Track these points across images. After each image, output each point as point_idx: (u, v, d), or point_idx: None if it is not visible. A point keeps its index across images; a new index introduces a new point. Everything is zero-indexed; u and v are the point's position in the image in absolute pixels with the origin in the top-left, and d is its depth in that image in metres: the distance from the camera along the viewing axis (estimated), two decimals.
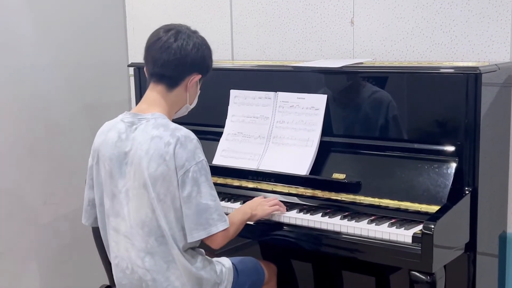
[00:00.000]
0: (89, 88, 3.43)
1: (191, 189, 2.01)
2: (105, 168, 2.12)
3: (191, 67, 2.12)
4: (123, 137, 2.09)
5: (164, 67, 2.09)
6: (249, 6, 3.14)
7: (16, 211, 3.13)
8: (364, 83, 2.48)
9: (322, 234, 2.23)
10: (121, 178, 2.09)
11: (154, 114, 2.08)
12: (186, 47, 2.09)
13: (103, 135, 2.15)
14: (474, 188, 2.21)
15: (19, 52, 3.10)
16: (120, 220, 2.11)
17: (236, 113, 2.70)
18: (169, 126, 2.05)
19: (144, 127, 2.06)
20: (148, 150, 2.02)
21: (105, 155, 2.11)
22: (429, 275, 2.00)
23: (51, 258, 3.29)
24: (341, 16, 2.87)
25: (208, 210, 2.02)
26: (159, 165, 2.00)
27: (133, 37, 3.60)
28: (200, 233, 2.03)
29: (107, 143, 2.12)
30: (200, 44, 2.13)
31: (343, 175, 2.39)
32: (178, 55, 2.08)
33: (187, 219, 2.03)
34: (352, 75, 2.51)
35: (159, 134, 2.03)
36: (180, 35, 2.10)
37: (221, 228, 2.04)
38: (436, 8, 2.62)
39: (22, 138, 3.13)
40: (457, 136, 2.24)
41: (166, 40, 2.09)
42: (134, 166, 2.05)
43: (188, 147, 2.02)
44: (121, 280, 2.15)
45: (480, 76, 2.17)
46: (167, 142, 2.01)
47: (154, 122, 2.06)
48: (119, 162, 2.08)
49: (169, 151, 2.00)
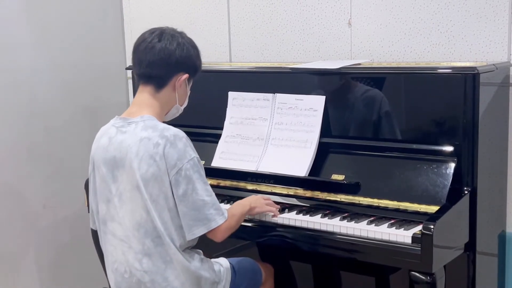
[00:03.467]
0: (87, 91, 3.42)
1: (186, 187, 2.02)
2: (99, 174, 2.15)
3: (177, 66, 2.13)
4: (114, 141, 2.10)
5: (150, 67, 2.12)
6: (246, 8, 3.15)
7: (15, 214, 3.13)
8: (362, 84, 2.48)
9: (322, 235, 2.23)
10: (114, 183, 2.10)
11: (143, 117, 2.09)
12: (169, 47, 2.11)
13: (97, 142, 2.17)
14: (473, 188, 2.21)
15: (17, 55, 3.10)
16: (116, 224, 2.12)
17: (234, 115, 2.70)
18: (158, 127, 2.07)
19: (133, 130, 2.07)
20: (138, 152, 2.03)
21: (99, 161, 2.14)
22: (429, 275, 2.00)
23: (50, 261, 3.29)
24: (339, 18, 2.87)
25: (205, 206, 2.04)
26: (149, 166, 2.02)
27: (131, 40, 3.59)
28: (200, 229, 2.04)
29: (99, 149, 2.14)
30: (184, 44, 2.14)
31: (342, 176, 2.39)
32: (162, 54, 2.10)
33: (184, 217, 2.04)
34: (350, 76, 2.51)
35: (148, 135, 2.04)
36: (164, 35, 2.12)
37: (220, 222, 2.06)
38: (433, 8, 2.62)
39: (20, 141, 3.13)
40: (455, 136, 2.24)
41: (150, 41, 2.12)
42: (125, 169, 2.06)
43: (178, 146, 2.03)
44: (120, 285, 2.15)
45: (478, 76, 2.18)
46: (156, 143, 2.02)
47: (143, 124, 2.07)
48: (111, 167, 2.10)
49: (158, 152, 2.02)
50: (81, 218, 3.11)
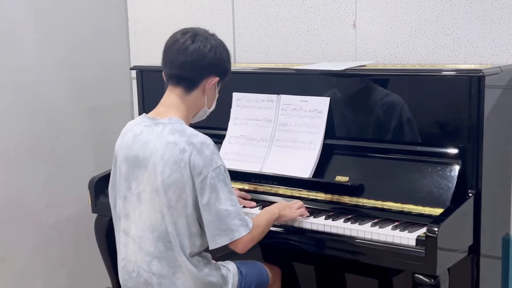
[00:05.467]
0: (91, 91, 3.43)
1: (210, 196, 2.00)
2: (120, 170, 2.13)
3: (209, 69, 2.11)
4: (138, 140, 2.08)
5: (181, 68, 2.09)
6: (251, 9, 3.15)
7: (18, 213, 3.13)
8: (367, 85, 2.47)
9: (325, 237, 2.22)
10: (134, 181, 2.09)
11: (171, 119, 2.07)
12: (203, 49, 2.08)
13: (121, 137, 2.16)
14: (477, 190, 2.21)
15: (21, 55, 3.11)
16: (129, 223, 2.12)
17: (238, 116, 2.70)
18: (186, 132, 2.04)
19: (160, 131, 2.05)
20: (163, 155, 2.01)
21: (121, 157, 2.13)
22: (433, 278, 2.00)
23: (54, 260, 3.29)
24: (343, 19, 2.87)
25: (229, 216, 2.01)
26: (173, 171, 2.00)
27: (135, 40, 3.60)
28: (223, 239, 2.02)
29: (123, 145, 2.13)
30: (218, 46, 2.12)
31: (346, 177, 2.39)
32: (195, 56, 2.07)
33: (208, 225, 2.02)
34: (355, 78, 2.50)
35: (175, 140, 2.02)
36: (198, 37, 2.09)
37: (244, 233, 2.03)
38: (438, 10, 2.62)
39: (24, 140, 3.13)
40: (460, 138, 2.24)
41: (183, 42, 2.08)
42: (148, 170, 2.04)
43: (205, 153, 2.01)
44: (126, 283, 2.15)
45: (483, 78, 2.17)
46: (182, 149, 2.00)
47: (171, 127, 2.05)
48: (132, 165, 2.08)
49: (184, 158, 2.00)
50: (85, 218, 3.11)
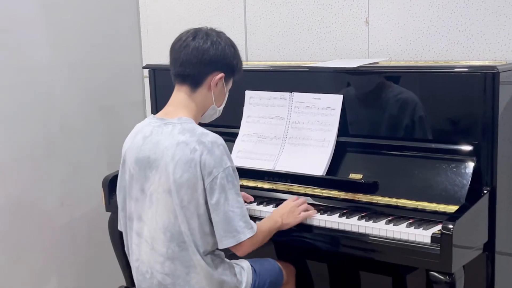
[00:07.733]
0: (104, 90, 3.44)
1: (219, 196, 2.01)
2: (130, 172, 2.13)
3: (210, 64, 2.12)
4: (148, 141, 2.09)
5: (183, 66, 2.11)
6: (263, 7, 3.14)
7: (33, 213, 3.15)
8: (380, 83, 2.47)
9: (340, 235, 2.22)
10: (145, 182, 2.09)
11: (181, 119, 2.08)
12: (203, 45, 2.10)
13: (131, 139, 2.16)
14: (492, 187, 2.20)
15: (34, 54, 3.12)
16: (142, 224, 2.12)
17: (251, 114, 2.70)
18: (196, 131, 2.05)
19: (170, 131, 2.06)
20: (174, 156, 2.02)
21: (131, 159, 2.13)
22: (448, 275, 1.99)
23: (68, 259, 3.31)
24: (356, 16, 2.86)
25: (235, 218, 2.02)
26: (184, 171, 2.00)
27: (147, 39, 3.61)
28: (229, 240, 2.03)
29: (132, 147, 2.13)
30: (219, 42, 2.13)
31: (360, 175, 2.38)
32: (195, 52, 2.09)
33: (217, 226, 2.03)
34: (368, 75, 2.50)
35: (185, 140, 2.02)
36: (199, 34, 2.12)
37: (249, 235, 2.04)
38: (451, 7, 2.61)
39: (38, 140, 3.15)
40: (474, 135, 2.23)
41: (185, 40, 2.12)
42: (159, 171, 2.05)
43: (215, 153, 2.01)
44: (140, 283, 2.16)
45: (497, 75, 2.16)
46: (193, 148, 2.01)
47: (181, 127, 2.06)
48: (143, 166, 2.09)
49: (195, 158, 2.00)
50: (99, 216, 3.13)
